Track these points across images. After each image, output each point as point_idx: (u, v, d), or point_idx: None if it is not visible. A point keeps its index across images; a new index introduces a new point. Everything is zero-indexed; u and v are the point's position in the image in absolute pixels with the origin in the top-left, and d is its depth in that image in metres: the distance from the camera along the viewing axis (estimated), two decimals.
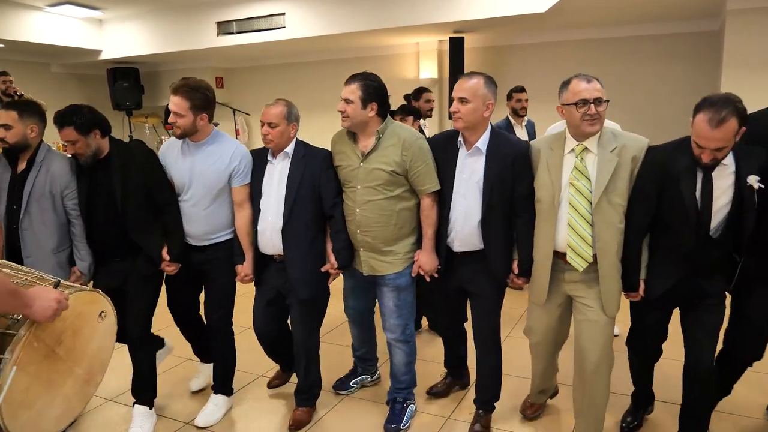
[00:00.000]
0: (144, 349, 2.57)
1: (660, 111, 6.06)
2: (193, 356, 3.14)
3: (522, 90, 4.38)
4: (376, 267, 2.44)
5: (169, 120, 2.43)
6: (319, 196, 2.44)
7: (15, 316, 1.41)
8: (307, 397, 2.67)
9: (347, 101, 2.32)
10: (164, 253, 2.48)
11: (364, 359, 2.95)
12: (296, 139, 2.50)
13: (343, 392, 2.92)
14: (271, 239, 2.45)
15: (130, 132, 8.51)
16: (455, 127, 2.29)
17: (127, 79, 8.42)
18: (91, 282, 2.56)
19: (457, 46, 6.64)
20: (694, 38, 5.93)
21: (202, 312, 2.77)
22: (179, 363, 3.29)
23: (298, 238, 2.42)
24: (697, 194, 1.94)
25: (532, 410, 2.63)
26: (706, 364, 2.07)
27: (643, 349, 2.34)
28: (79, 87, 8.80)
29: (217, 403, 2.71)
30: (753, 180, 1.87)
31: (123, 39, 7.69)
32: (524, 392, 2.82)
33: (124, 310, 2.38)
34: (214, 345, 2.71)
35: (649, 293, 2.13)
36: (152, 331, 2.66)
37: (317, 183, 2.43)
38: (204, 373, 3.00)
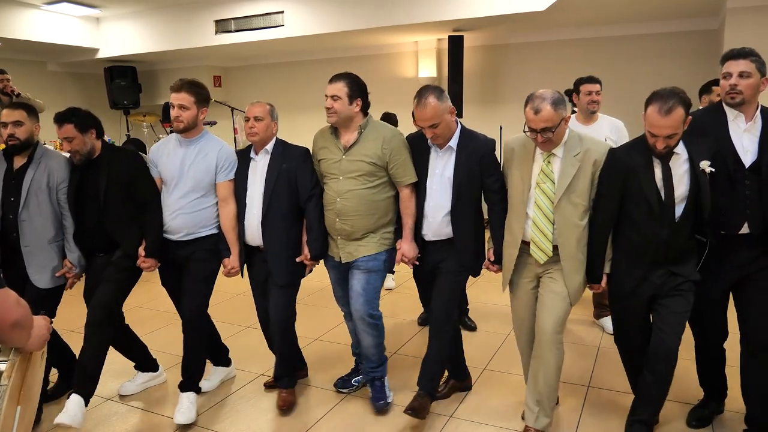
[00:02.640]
0: (97, 334, 2.50)
1: None
2: None
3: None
4: (352, 252, 2.58)
5: (173, 115, 2.58)
6: (296, 189, 2.60)
7: None
8: (291, 378, 2.81)
9: (335, 98, 2.47)
10: (141, 249, 2.63)
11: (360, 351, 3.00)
12: (276, 137, 2.67)
13: (344, 390, 2.93)
14: (255, 231, 2.63)
15: (128, 131, 8.48)
16: (437, 144, 2.43)
17: (125, 78, 8.39)
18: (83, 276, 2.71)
19: (456, 45, 6.63)
20: (694, 36, 5.93)
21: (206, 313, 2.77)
22: (177, 363, 3.27)
23: (276, 231, 2.60)
24: (659, 184, 2.10)
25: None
26: (671, 346, 2.17)
27: (629, 344, 2.40)
28: (76, 85, 8.76)
29: (192, 399, 2.71)
30: (705, 165, 2.06)
31: (120, 37, 7.66)
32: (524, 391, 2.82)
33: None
34: (186, 337, 2.72)
35: (622, 288, 2.26)
36: (151, 330, 2.65)
37: (294, 177, 2.60)
38: (215, 376, 3.01)
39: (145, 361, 2.98)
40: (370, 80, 2.54)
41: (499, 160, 2.48)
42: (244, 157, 2.70)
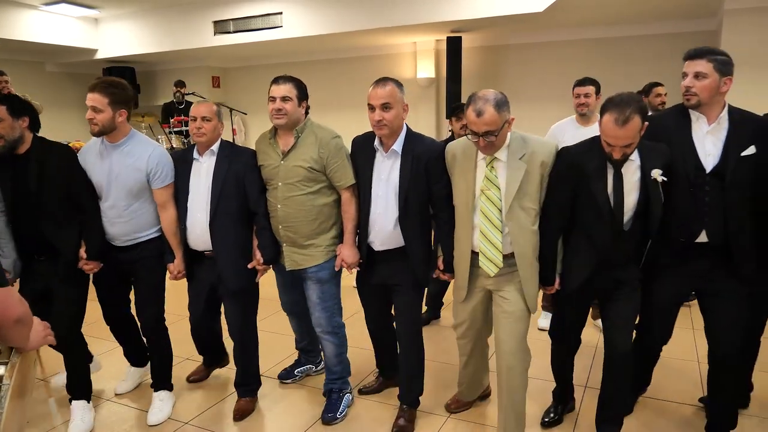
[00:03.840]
0: (72, 351, 2.56)
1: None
2: (192, 356, 3.14)
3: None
4: (299, 261, 2.53)
5: (87, 117, 2.41)
6: (244, 192, 2.53)
7: None
8: (249, 387, 2.77)
9: (285, 99, 2.41)
10: (82, 251, 2.50)
11: (307, 350, 3.06)
12: (221, 138, 2.60)
13: (287, 381, 3.01)
14: (200, 235, 2.53)
15: None
16: (380, 135, 2.34)
17: (123, 79, 8.36)
18: (18, 281, 2.55)
19: (454, 46, 6.65)
20: (692, 38, 5.94)
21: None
22: (178, 363, 3.26)
23: (225, 233, 2.51)
24: (609, 191, 2.04)
25: (455, 405, 2.68)
26: (622, 347, 2.17)
27: (564, 339, 2.43)
28: (73, 86, 8.75)
29: (162, 398, 2.73)
30: (656, 173, 2.00)
31: (119, 38, 7.66)
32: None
33: (51, 313, 2.38)
34: (149, 343, 2.72)
35: (568, 286, 2.22)
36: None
37: (242, 180, 2.52)
38: (132, 377, 2.98)
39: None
40: (369, 81, 2.54)
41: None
42: (183, 160, 2.59)
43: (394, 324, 2.62)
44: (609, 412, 2.30)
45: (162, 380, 2.76)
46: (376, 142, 2.39)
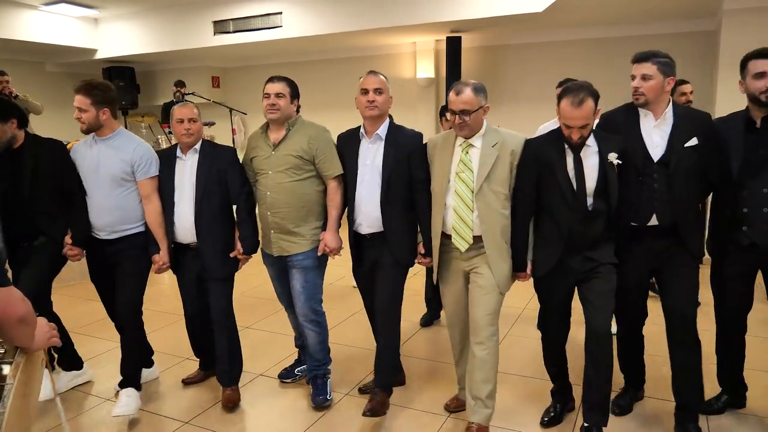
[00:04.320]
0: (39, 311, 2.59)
1: None
2: (192, 356, 3.14)
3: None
4: (285, 247, 2.67)
5: (74, 117, 2.62)
6: (226, 188, 2.70)
7: (0, 349, 1.40)
8: (234, 376, 2.83)
9: (279, 95, 2.60)
10: (67, 238, 2.66)
11: (306, 348, 3.07)
12: (203, 138, 2.77)
13: (288, 380, 3.04)
14: (185, 229, 2.69)
15: None
16: (369, 115, 2.52)
17: (123, 79, 8.38)
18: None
19: (454, 46, 6.64)
20: (691, 38, 5.96)
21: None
22: (177, 363, 3.28)
23: (209, 227, 2.68)
24: (570, 174, 2.21)
25: (455, 405, 2.69)
26: (601, 325, 2.26)
27: (550, 328, 2.49)
28: (73, 86, 8.74)
29: (129, 395, 2.69)
30: (612, 157, 2.19)
31: (118, 38, 7.66)
32: (523, 390, 2.83)
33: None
34: (122, 336, 2.73)
35: (538, 271, 2.36)
36: (152, 330, 2.66)
37: (224, 176, 2.69)
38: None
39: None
40: None
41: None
42: (168, 158, 2.75)
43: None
44: (591, 394, 2.31)
45: (130, 377, 2.73)
46: (361, 130, 2.59)
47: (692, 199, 2.29)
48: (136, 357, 2.78)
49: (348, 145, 2.63)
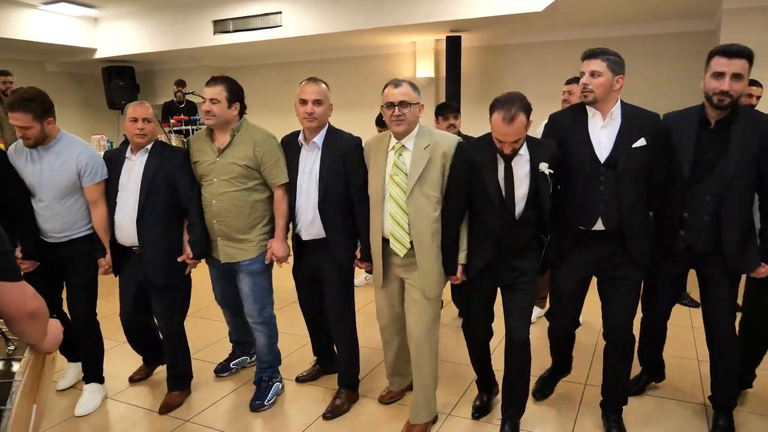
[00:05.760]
0: None
1: (655, 110, 6.07)
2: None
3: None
4: (232, 254, 2.64)
5: (17, 135, 2.47)
6: (174, 189, 2.60)
7: (10, 346, 1.39)
8: (178, 381, 2.84)
9: (214, 101, 2.51)
10: (17, 251, 2.54)
11: (241, 343, 3.16)
12: (156, 139, 2.69)
13: (224, 374, 3.09)
14: (127, 231, 2.60)
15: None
16: (309, 127, 2.50)
17: (123, 78, 8.38)
18: None
19: (454, 46, 6.65)
20: (690, 38, 5.95)
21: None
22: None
23: (152, 229, 2.59)
24: (501, 182, 2.19)
25: (388, 397, 2.78)
26: (519, 334, 2.32)
27: (472, 326, 2.52)
28: (73, 86, 8.76)
29: (92, 390, 2.78)
30: (543, 167, 2.17)
31: (118, 37, 7.66)
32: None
33: None
34: (80, 338, 2.76)
35: (469, 272, 2.35)
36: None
37: (172, 178, 2.59)
38: (71, 373, 3.01)
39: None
40: (368, 81, 2.57)
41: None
42: (115, 159, 2.67)
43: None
44: (513, 395, 2.42)
45: (93, 373, 2.83)
46: (300, 137, 2.56)
47: (640, 204, 2.23)
48: (98, 356, 2.85)
49: (289, 152, 2.60)
